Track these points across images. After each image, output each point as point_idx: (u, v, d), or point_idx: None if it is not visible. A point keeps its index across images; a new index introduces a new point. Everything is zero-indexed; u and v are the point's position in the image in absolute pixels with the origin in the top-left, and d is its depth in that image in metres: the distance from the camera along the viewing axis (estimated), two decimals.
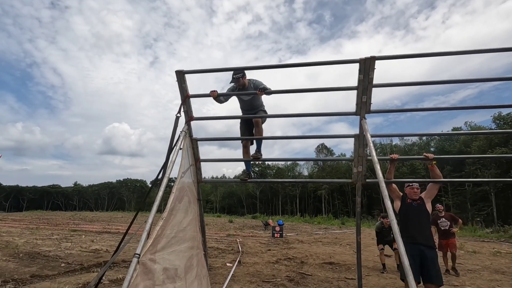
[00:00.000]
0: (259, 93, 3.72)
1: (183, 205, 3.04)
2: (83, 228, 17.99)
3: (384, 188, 2.55)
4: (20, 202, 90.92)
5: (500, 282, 6.38)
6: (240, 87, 4.10)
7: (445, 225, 7.05)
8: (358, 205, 4.22)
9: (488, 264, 8.42)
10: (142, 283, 2.24)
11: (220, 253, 9.54)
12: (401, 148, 60.43)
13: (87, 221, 27.39)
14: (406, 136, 33.73)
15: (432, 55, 3.04)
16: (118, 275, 6.10)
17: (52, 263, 7.21)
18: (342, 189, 59.01)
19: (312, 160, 43.98)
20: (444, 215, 7.21)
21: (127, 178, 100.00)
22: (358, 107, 3.22)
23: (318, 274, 6.82)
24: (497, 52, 2.97)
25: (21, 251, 8.78)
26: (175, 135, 3.27)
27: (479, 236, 18.87)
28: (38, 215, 39.12)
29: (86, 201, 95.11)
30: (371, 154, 2.86)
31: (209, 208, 71.30)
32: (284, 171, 72.68)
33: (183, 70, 3.31)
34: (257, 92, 3.74)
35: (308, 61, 3.36)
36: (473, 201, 41.53)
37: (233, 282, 5.86)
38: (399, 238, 2.16)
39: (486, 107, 3.38)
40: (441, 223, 7.11)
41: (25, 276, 5.87)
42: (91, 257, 8.09)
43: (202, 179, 4.29)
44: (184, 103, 3.47)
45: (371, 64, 2.93)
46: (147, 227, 2.47)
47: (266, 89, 3.80)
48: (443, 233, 7.06)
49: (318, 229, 23.16)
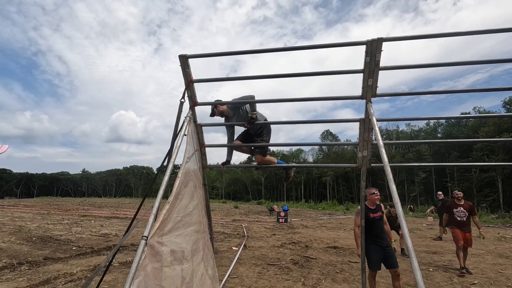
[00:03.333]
0: (247, 125, 3.60)
1: (188, 190, 3.07)
2: (92, 213, 18.46)
3: (389, 172, 2.53)
4: (30, 188, 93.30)
5: (504, 266, 6.43)
6: (221, 116, 3.94)
7: (463, 215, 5.95)
8: (363, 190, 4.22)
9: (492, 249, 8.46)
10: (150, 264, 2.31)
11: (226, 237, 9.74)
12: (407, 134, 59.85)
13: (96, 206, 28.05)
14: (412, 120, 33.31)
15: (441, 36, 2.93)
16: (127, 258, 6.30)
17: (64, 247, 7.46)
18: (347, 175, 59.13)
19: (317, 145, 43.93)
20: (463, 204, 6.04)
21: (134, 165, 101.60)
22: (364, 91, 3.15)
23: (322, 257, 6.94)
24: (509, 32, 2.85)
25: (33, 235, 9.08)
26: (180, 120, 3.26)
27: (484, 221, 18.89)
28: (48, 201, 40.18)
29: (94, 188, 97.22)
30: (376, 138, 2.82)
31: (214, 194, 72.32)
32: (289, 158, 72.78)
33: (186, 54, 3.26)
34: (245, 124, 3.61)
35: (313, 45, 3.28)
36: (479, 187, 41.32)
37: (239, 265, 6.01)
38: (403, 221, 2.17)
39: (498, 89, 3.29)
40: (458, 213, 6.01)
41: (39, 259, 6.10)
42: (101, 241, 8.34)
43: (208, 165, 4.32)
44: (188, 88, 3.44)
45: (378, 46, 2.84)
46: (154, 211, 2.52)
47: (253, 121, 3.58)
48: (458, 223, 5.97)
49: (323, 215, 23.39)
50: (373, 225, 4.22)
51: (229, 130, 4.12)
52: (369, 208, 4.27)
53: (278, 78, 3.63)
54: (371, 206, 4.30)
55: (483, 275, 5.67)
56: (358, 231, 4.21)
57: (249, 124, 3.62)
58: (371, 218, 4.22)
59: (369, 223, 4.20)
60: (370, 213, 4.24)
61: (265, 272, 5.51)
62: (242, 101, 3.78)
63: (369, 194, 4.34)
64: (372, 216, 4.22)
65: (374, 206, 4.31)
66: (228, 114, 3.95)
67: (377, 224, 4.25)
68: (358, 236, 4.19)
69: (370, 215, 4.22)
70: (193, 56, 3.31)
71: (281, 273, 5.46)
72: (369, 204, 4.31)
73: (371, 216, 4.23)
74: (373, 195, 4.30)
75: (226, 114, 3.96)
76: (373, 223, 4.22)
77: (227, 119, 4.02)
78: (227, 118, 4.01)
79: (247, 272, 5.51)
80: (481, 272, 5.86)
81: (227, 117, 3.99)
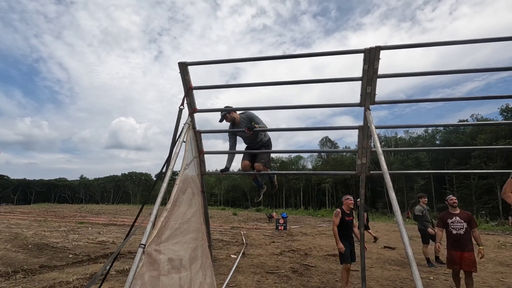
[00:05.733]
0: (247, 131, 3.70)
1: (186, 197, 3.05)
2: (89, 221, 18.29)
3: (388, 179, 2.53)
4: (28, 195, 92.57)
5: (505, 274, 6.37)
6: (231, 123, 4.01)
7: (459, 227, 4.55)
8: (362, 197, 4.21)
9: (493, 257, 8.39)
10: (147, 272, 2.27)
11: (225, 245, 9.65)
12: (406, 141, 60.01)
13: (93, 213, 27.83)
14: (410, 128, 33.45)
15: (438, 44, 2.97)
16: (125, 266, 6.21)
17: (60, 254, 7.36)
18: (346, 182, 58.99)
19: (316, 152, 43.98)
20: (459, 213, 4.69)
21: (132, 172, 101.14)
22: (363, 98, 3.18)
23: (321, 265, 6.87)
24: (505, 41, 2.89)
25: (29, 242, 8.97)
26: (179, 127, 3.27)
27: (484, 229, 18.78)
28: (45, 208, 39.86)
29: (92, 194, 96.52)
30: (375, 145, 2.83)
31: (213, 201, 71.88)
32: (288, 165, 72.72)
33: (185, 61, 3.28)
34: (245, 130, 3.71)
35: (313, 53, 3.31)
36: (478, 194, 41.28)
37: (237, 273, 5.93)
38: (403, 229, 2.15)
39: (495, 97, 3.32)
40: (453, 224, 4.61)
41: (34, 267, 6.01)
42: (98, 249, 8.25)
43: (206, 172, 4.31)
44: (187, 95, 3.46)
45: (376, 54, 2.88)
46: (152, 218, 2.50)
47: (253, 127, 3.70)
48: (454, 240, 4.55)
49: (322, 222, 23.24)
50: (347, 226, 4.91)
51: (232, 138, 4.18)
52: (345, 212, 4.95)
53: (277, 85, 3.65)
54: (347, 210, 4.98)
55: (484, 284, 5.61)
56: (336, 230, 4.86)
57: (249, 130, 3.69)
58: (346, 221, 4.90)
59: (344, 224, 4.89)
60: (346, 216, 4.92)
61: (264, 281, 5.44)
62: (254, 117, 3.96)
63: (345, 200, 5.05)
64: (347, 219, 4.91)
65: (349, 211, 4.99)
66: (238, 122, 4.01)
67: (350, 226, 4.97)
68: (337, 233, 4.83)
69: (345, 218, 4.90)
70: (193, 64, 3.33)
71: (280, 282, 5.40)
72: (345, 208, 4.99)
73: (346, 219, 4.90)
74: (348, 200, 5.01)
75: (237, 122, 4.01)
76: (347, 225, 4.91)
77: (232, 127, 4.06)
78: (234, 125, 4.05)
79: (245, 280, 5.44)
80: (482, 281, 5.80)
81: (233, 124, 4.03)
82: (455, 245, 4.54)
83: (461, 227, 4.55)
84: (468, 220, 4.58)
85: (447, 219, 4.71)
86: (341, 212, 4.93)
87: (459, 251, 4.46)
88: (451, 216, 4.69)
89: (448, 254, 4.65)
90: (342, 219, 4.88)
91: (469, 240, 4.51)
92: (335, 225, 4.88)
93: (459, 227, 4.56)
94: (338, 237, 4.78)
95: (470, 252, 4.43)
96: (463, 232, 4.52)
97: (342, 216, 4.90)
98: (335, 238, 4.84)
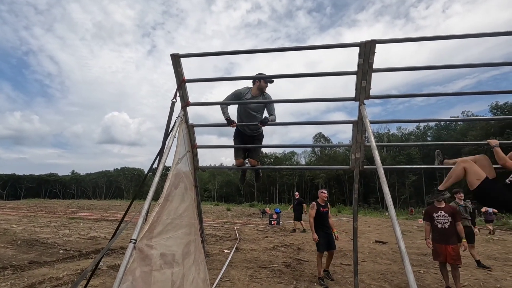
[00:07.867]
0: (260, 125, 3.78)
1: (179, 192, 3.01)
2: (81, 216, 18.06)
3: (382, 174, 2.53)
4: (17, 190, 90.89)
5: (492, 267, 6.51)
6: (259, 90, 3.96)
7: (444, 221, 4.68)
8: (355, 192, 4.23)
9: (481, 251, 8.58)
10: (139, 268, 2.23)
11: (218, 240, 9.64)
12: (398, 137, 60.73)
13: (85, 209, 27.49)
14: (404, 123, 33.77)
15: (433, 39, 2.96)
16: (116, 261, 6.15)
17: (50, 250, 7.24)
18: (339, 177, 59.52)
19: (310, 147, 44.02)
20: (443, 207, 4.77)
21: (125, 167, 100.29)
22: (357, 93, 3.16)
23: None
24: (497, 36, 2.89)
25: (19, 238, 8.81)
26: (171, 121, 3.20)
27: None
28: (36, 203, 39.20)
29: (84, 190, 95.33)
30: (369, 140, 2.82)
31: (207, 197, 71.82)
32: (282, 160, 72.96)
33: (178, 53, 3.21)
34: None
35: (307, 45, 3.27)
36: (467, 190, 42.06)
37: (230, 268, 5.93)
38: (396, 224, 2.15)
39: (487, 92, 3.35)
40: (438, 218, 4.73)
41: (24, 263, 5.90)
42: (89, 244, 8.14)
43: (200, 166, 4.26)
44: (180, 88, 3.39)
45: (371, 48, 2.85)
46: (143, 213, 2.45)
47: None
48: (440, 234, 4.70)
49: None
50: (322, 217, 5.34)
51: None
52: (320, 204, 5.40)
53: (272, 79, 3.60)
54: (322, 202, 5.43)
55: (473, 277, 5.73)
56: (312, 221, 5.26)
57: (262, 124, 3.75)
58: (321, 212, 5.33)
59: (319, 216, 5.32)
60: (321, 208, 5.36)
61: (257, 275, 5.45)
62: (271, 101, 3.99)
63: (320, 193, 5.55)
64: (322, 210, 5.35)
65: (324, 203, 5.45)
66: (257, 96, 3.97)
67: (325, 217, 5.38)
68: (313, 225, 5.22)
69: (320, 209, 5.34)
70: (185, 56, 3.26)
71: (273, 276, 5.41)
72: (320, 201, 5.44)
73: (321, 210, 5.34)
74: (322, 193, 5.52)
75: (256, 95, 3.97)
76: (323, 216, 5.35)
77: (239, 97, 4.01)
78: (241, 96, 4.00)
79: (239, 275, 5.44)
80: (470, 274, 5.93)
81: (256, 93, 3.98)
82: (440, 238, 4.69)
83: (446, 221, 4.69)
84: (452, 214, 4.71)
85: (433, 213, 4.82)
86: (317, 204, 5.37)
87: (444, 244, 4.62)
88: (436, 210, 4.80)
89: (434, 248, 4.78)
90: (317, 211, 5.31)
91: (453, 234, 4.67)
92: (312, 217, 5.31)
93: (444, 221, 4.70)
94: (313, 228, 5.20)
95: (454, 245, 4.59)
96: (447, 226, 4.66)
97: (317, 208, 5.33)
98: (311, 229, 5.25)
